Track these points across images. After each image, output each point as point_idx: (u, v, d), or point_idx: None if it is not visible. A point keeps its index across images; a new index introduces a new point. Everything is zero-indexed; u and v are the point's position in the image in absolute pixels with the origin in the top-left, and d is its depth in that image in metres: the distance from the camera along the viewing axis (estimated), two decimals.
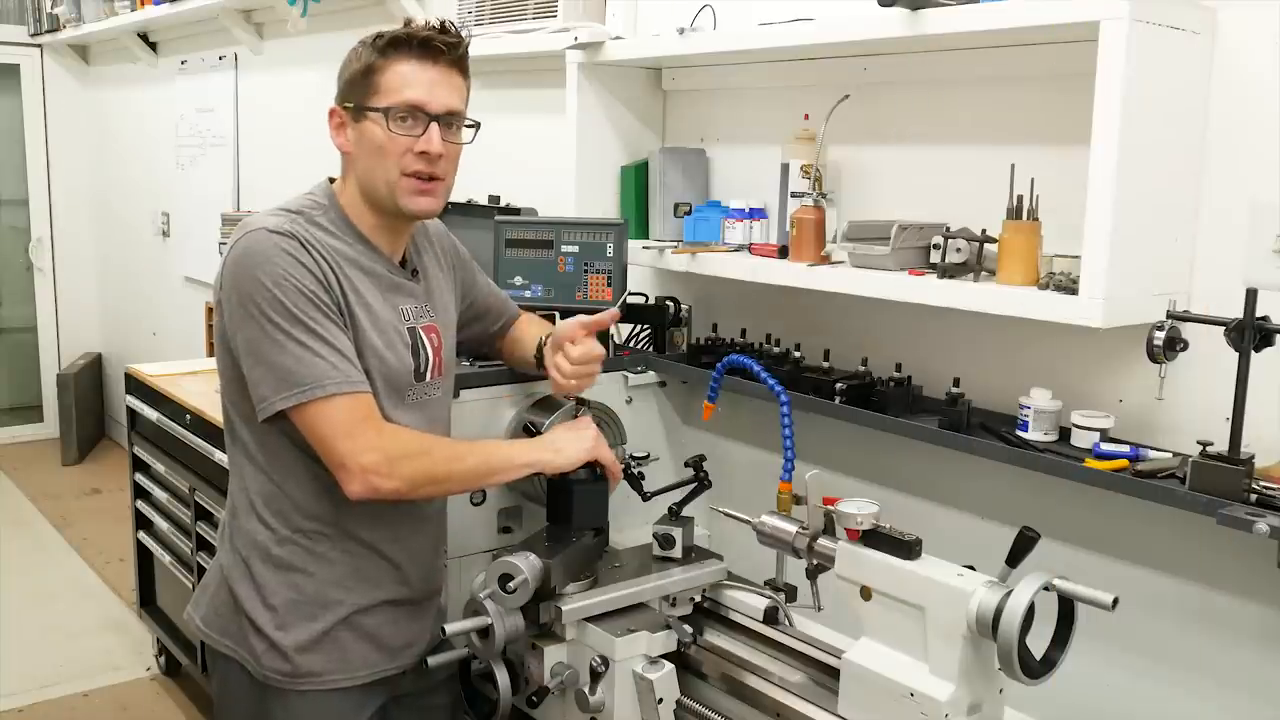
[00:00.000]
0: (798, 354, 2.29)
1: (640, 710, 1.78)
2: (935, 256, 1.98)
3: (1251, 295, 1.59)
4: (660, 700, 1.76)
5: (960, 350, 2.15)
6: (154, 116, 5.91)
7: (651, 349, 2.55)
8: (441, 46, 1.73)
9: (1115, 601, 1.42)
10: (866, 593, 1.62)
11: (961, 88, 2.13)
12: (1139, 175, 1.70)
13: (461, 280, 2.04)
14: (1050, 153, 1.94)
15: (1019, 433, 1.91)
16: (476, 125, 1.82)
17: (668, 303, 2.55)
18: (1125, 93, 1.64)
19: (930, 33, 1.88)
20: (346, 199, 1.81)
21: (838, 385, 2.12)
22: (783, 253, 2.25)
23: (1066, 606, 1.51)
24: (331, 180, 1.85)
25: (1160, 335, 1.66)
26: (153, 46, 5.87)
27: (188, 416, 3.22)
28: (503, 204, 2.93)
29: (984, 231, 1.95)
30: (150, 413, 3.50)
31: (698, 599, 2.02)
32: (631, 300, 2.48)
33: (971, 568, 1.56)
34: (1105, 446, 1.80)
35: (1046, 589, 1.47)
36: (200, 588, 1.95)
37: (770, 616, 1.95)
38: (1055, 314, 1.77)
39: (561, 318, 2.43)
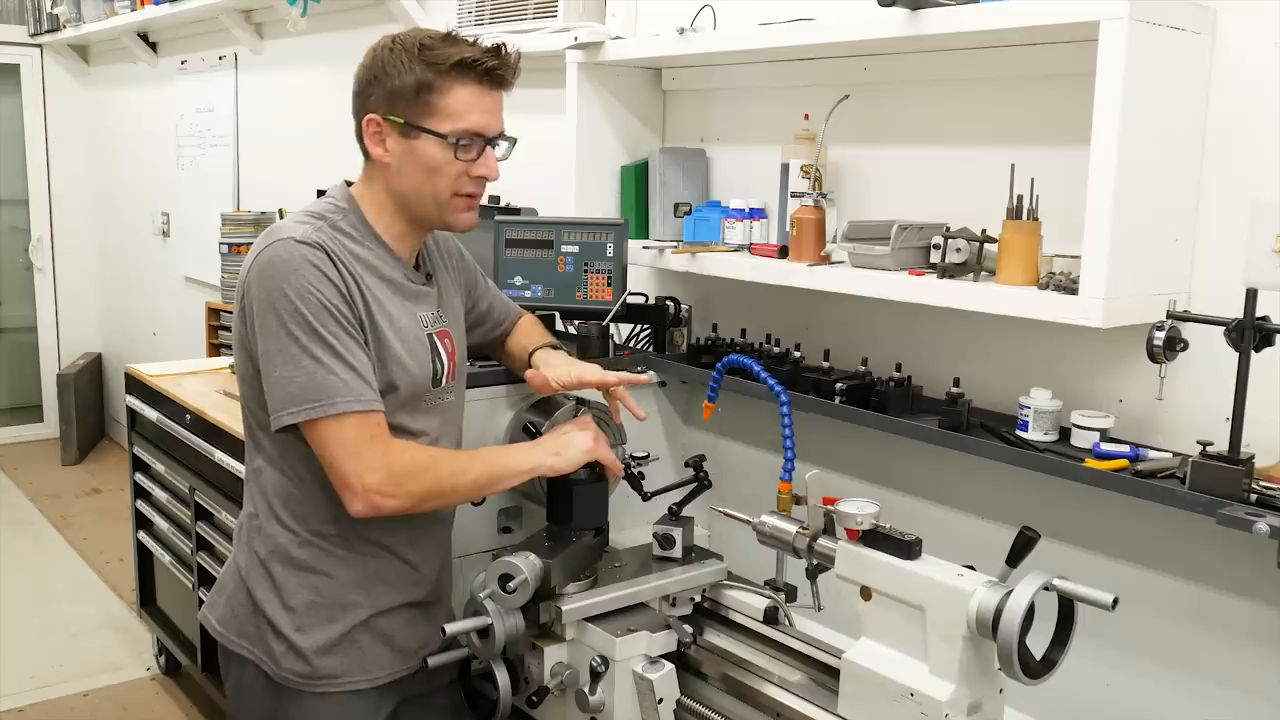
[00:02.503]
0: (798, 354, 2.29)
1: (640, 710, 1.78)
2: (935, 256, 1.97)
3: (1251, 295, 1.59)
4: (660, 700, 1.76)
5: (960, 350, 2.15)
6: (154, 116, 5.91)
7: (651, 349, 2.55)
8: (505, 76, 1.74)
9: (1115, 601, 1.42)
10: (866, 593, 1.61)
11: (961, 88, 2.13)
12: (1139, 175, 1.70)
13: (466, 284, 2.05)
14: (1050, 153, 1.94)
15: (1019, 433, 1.91)
16: (513, 141, 1.81)
17: (668, 303, 2.55)
18: (1125, 93, 1.64)
19: (930, 33, 1.88)
20: (368, 204, 1.79)
21: (838, 385, 2.12)
22: (783, 253, 2.25)
23: (1066, 606, 1.50)
24: (349, 183, 1.83)
25: (1160, 335, 1.66)
26: (153, 46, 5.87)
27: (188, 416, 3.22)
28: (503, 204, 2.93)
29: (984, 231, 1.95)
30: (150, 413, 3.50)
31: (698, 599, 2.02)
32: (631, 300, 2.48)
33: (971, 568, 1.56)
34: (1105, 446, 1.80)
35: (1046, 589, 1.47)
36: (216, 589, 1.95)
37: (770, 616, 1.95)
38: (1055, 314, 1.77)
39: (562, 318, 2.43)
